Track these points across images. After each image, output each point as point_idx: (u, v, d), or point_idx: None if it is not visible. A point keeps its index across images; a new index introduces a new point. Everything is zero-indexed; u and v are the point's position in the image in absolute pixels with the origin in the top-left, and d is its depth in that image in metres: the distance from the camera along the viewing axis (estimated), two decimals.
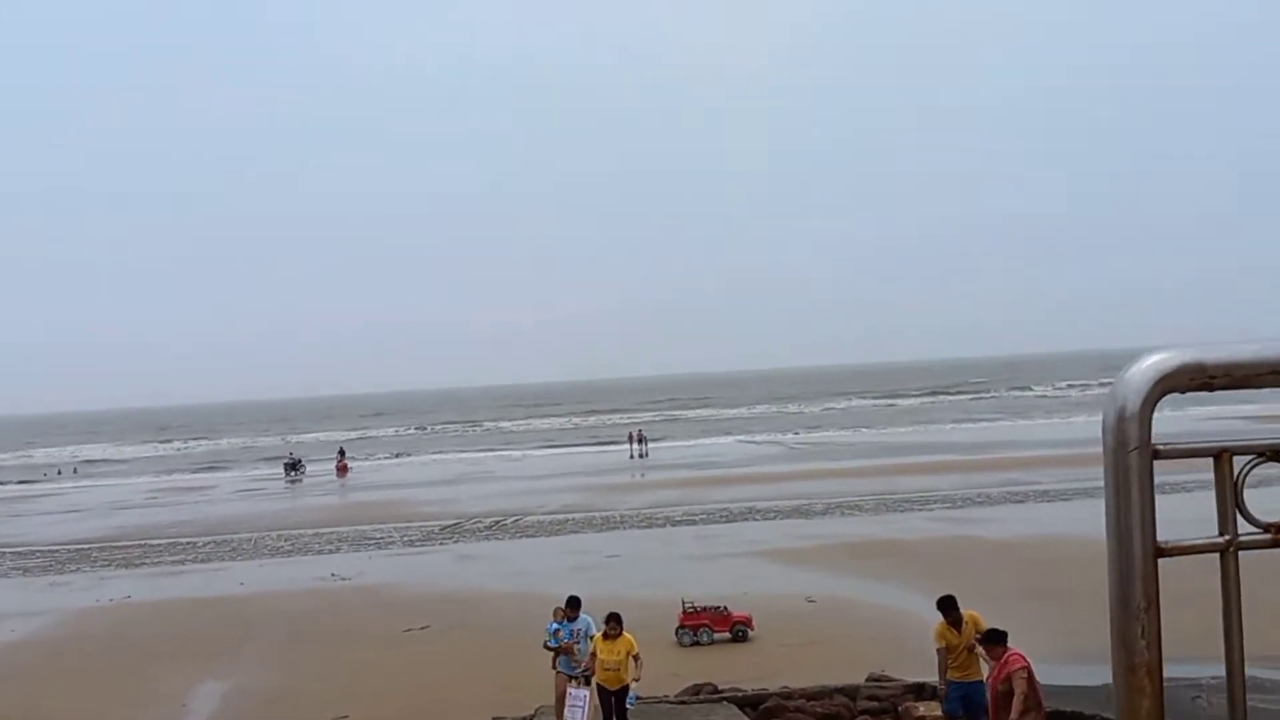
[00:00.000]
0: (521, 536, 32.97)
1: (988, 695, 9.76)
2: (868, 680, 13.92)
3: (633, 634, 12.85)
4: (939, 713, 11.54)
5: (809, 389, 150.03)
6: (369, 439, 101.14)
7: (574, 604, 14.18)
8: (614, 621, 12.71)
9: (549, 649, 13.90)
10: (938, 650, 10.68)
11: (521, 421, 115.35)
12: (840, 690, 12.94)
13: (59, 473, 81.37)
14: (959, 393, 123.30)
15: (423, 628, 20.51)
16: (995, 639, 9.68)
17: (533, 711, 12.86)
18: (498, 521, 36.26)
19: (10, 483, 74.70)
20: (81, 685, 17.64)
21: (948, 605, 10.88)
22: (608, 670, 12.55)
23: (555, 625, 13.99)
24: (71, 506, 52.49)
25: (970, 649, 10.44)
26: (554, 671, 13.85)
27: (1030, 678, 9.30)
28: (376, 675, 17.21)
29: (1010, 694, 9.28)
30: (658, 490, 43.36)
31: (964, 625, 10.51)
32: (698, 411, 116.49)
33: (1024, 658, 9.50)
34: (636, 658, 12.52)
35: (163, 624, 22.39)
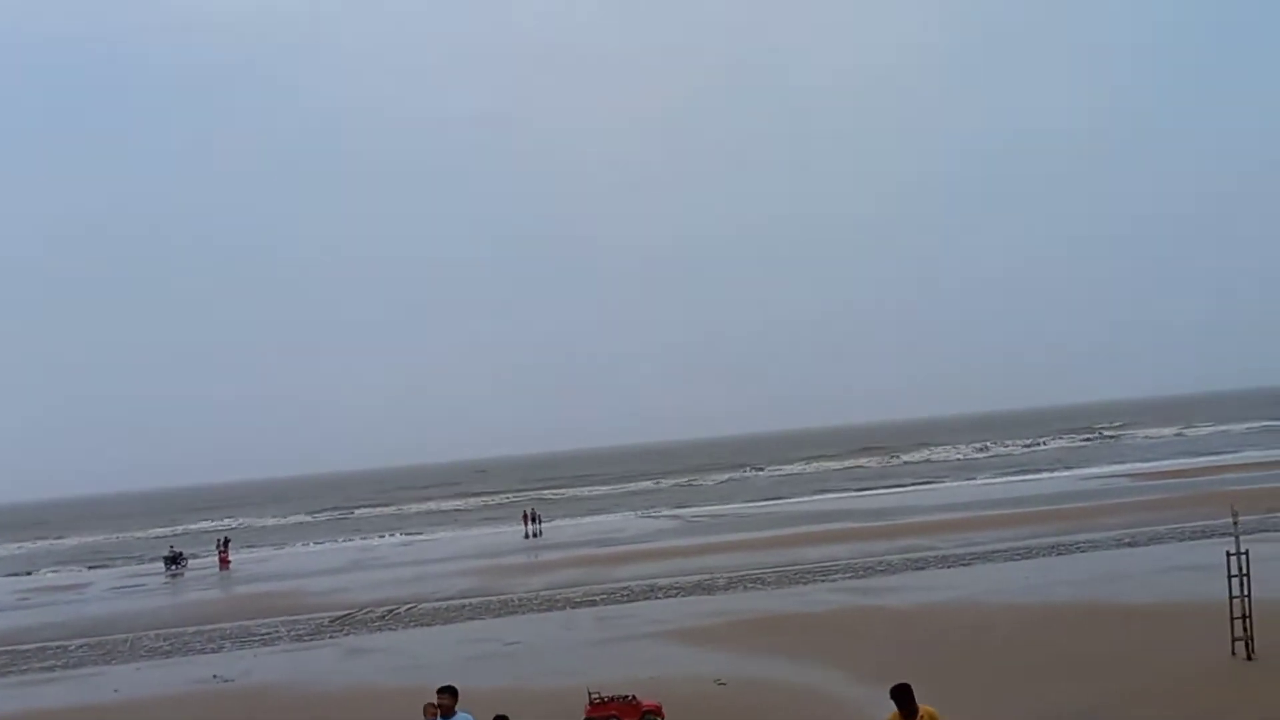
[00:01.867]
0: (415, 625, 31.63)
1: None
2: None
3: None
4: None
5: (701, 461, 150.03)
6: (249, 528, 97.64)
7: (450, 693, 12.58)
8: None
9: None
10: None
11: (406, 505, 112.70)
12: None
13: None
14: (856, 457, 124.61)
15: None
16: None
17: None
18: (391, 610, 34.82)
19: None
20: None
21: (902, 696, 10.06)
22: None
23: None
24: None
25: None
26: None
27: None
28: None
29: None
30: (556, 570, 42.30)
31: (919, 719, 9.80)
32: (587, 489, 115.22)
33: None
34: None
35: None
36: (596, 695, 17.72)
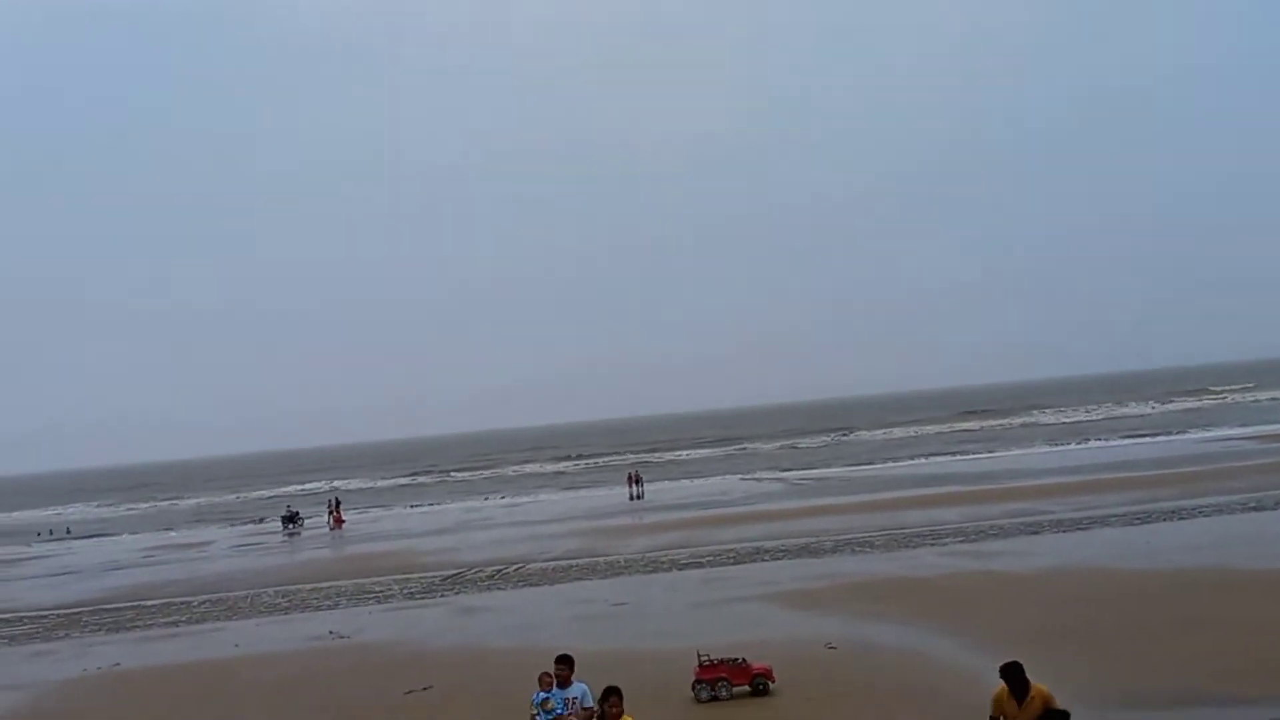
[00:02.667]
0: (524, 585, 31.97)
1: None
2: None
3: (647, 693, 11.66)
4: None
5: (797, 424, 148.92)
6: (357, 490, 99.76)
7: (567, 663, 11.87)
8: (615, 698, 10.13)
9: None
10: (990, 717, 9.61)
11: (513, 468, 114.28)
12: None
13: (50, 534, 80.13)
14: (961, 421, 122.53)
15: (425, 688, 19.50)
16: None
17: None
18: (499, 570, 35.26)
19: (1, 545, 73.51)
20: None
21: (1012, 674, 9.62)
22: None
23: (543, 695, 11.76)
24: (63, 569, 51.34)
25: None
26: None
27: None
28: None
29: None
30: (661, 533, 42.35)
31: (1029, 700, 9.39)
32: (686, 452, 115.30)
33: None
34: None
35: (150, 696, 21.31)
36: (706, 657, 17.64)
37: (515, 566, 35.87)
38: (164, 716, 19.41)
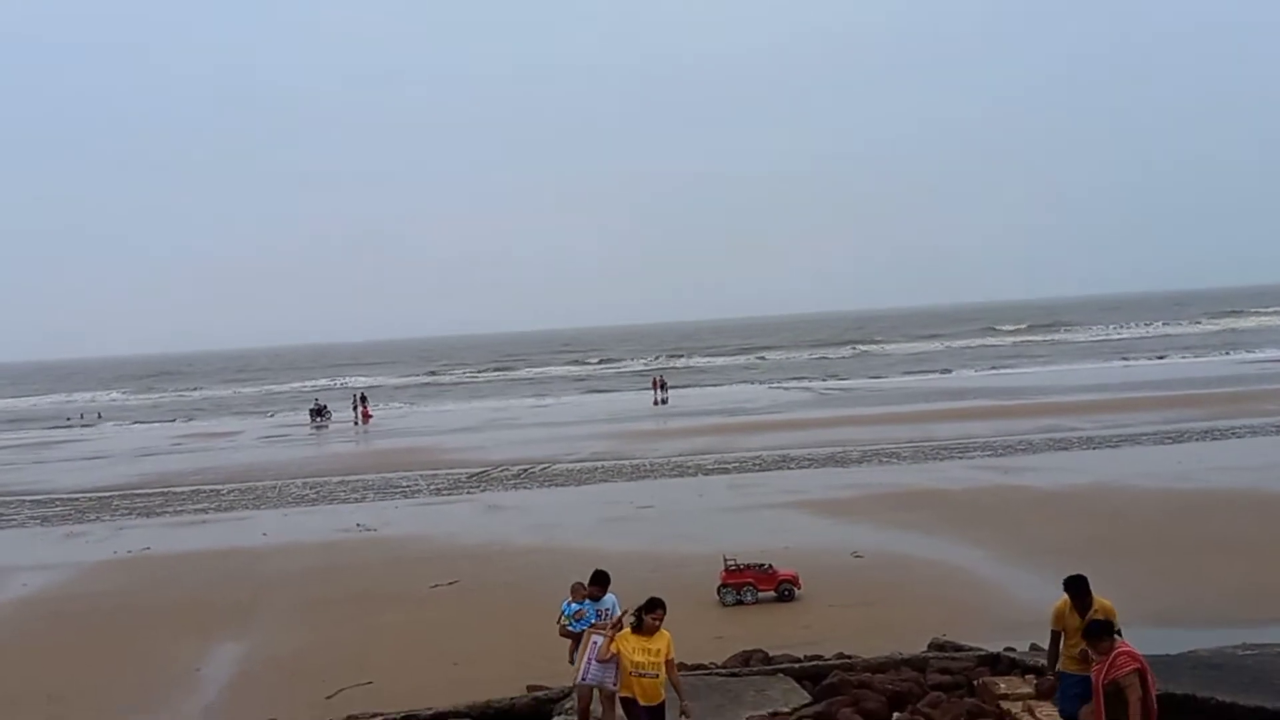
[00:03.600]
0: (550, 485, 32.11)
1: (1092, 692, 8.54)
2: (931, 647, 12.90)
3: (671, 596, 11.39)
4: (1023, 690, 10.51)
5: (829, 336, 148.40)
6: (383, 387, 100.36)
7: (601, 580, 11.28)
8: (659, 610, 9.56)
9: (569, 635, 11.09)
10: (1052, 632, 9.43)
11: (537, 369, 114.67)
12: (907, 662, 11.91)
13: (82, 418, 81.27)
14: (984, 336, 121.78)
15: (450, 583, 19.66)
16: (1098, 631, 8.48)
17: (571, 684, 11.81)
18: (525, 469, 35.42)
19: (33, 428, 74.65)
20: (90, 650, 16.81)
21: (1077, 588, 9.27)
22: (642, 677, 9.45)
23: (575, 605, 11.26)
24: (95, 453, 52.05)
25: None
26: (572, 665, 10.95)
27: (1144, 680, 8.15)
28: (403, 637, 16.34)
29: (1119, 696, 8.12)
30: (686, 438, 42.40)
31: (1092, 614, 9.18)
32: (711, 359, 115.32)
33: (1135, 656, 8.28)
34: (671, 663, 9.58)
35: (180, 579, 21.62)
36: (733, 562, 17.64)
37: (541, 466, 36.03)
38: (193, 600, 19.64)
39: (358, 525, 26.60)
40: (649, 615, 9.57)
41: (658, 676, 9.46)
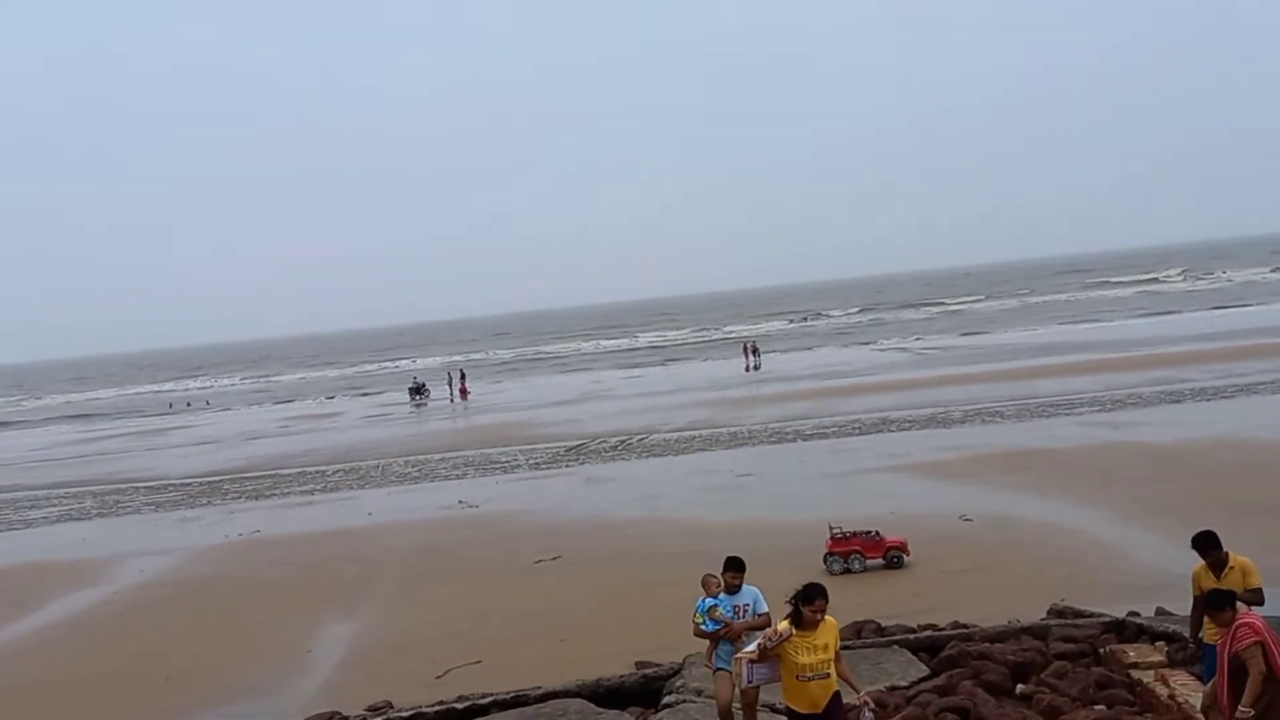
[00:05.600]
0: (648, 456, 32.01)
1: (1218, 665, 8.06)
2: (1050, 614, 12.45)
3: (776, 565, 10.95)
4: (1154, 658, 10.04)
5: (916, 295, 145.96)
6: (478, 363, 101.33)
7: (737, 568, 9.54)
8: (819, 599, 7.91)
9: (703, 635, 9.60)
10: (1195, 598, 8.93)
11: (627, 339, 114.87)
12: (1027, 630, 11.50)
13: (188, 405, 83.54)
14: (1082, 289, 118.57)
15: (554, 558, 19.64)
16: (1217, 602, 8.00)
17: (681, 661, 11.63)
18: (623, 441, 35.37)
19: (144, 416, 76.97)
20: (205, 631, 17.16)
21: (1206, 543, 8.71)
22: (810, 680, 7.88)
23: (710, 601, 9.54)
24: (202, 439, 53.41)
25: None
26: (710, 669, 9.72)
27: (1268, 651, 7.67)
28: (509, 614, 16.34)
29: (1242, 671, 7.66)
30: (782, 403, 41.97)
31: (1228, 571, 8.70)
32: (803, 322, 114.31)
33: (1258, 627, 7.79)
34: (840, 655, 8.13)
35: (290, 560, 21.97)
36: (838, 530, 17.31)
37: (639, 437, 35.95)
38: (302, 581, 19.94)
39: (460, 502, 26.79)
40: (808, 607, 7.91)
41: (828, 676, 7.96)
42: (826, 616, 8.00)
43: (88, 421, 77.73)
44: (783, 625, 8.03)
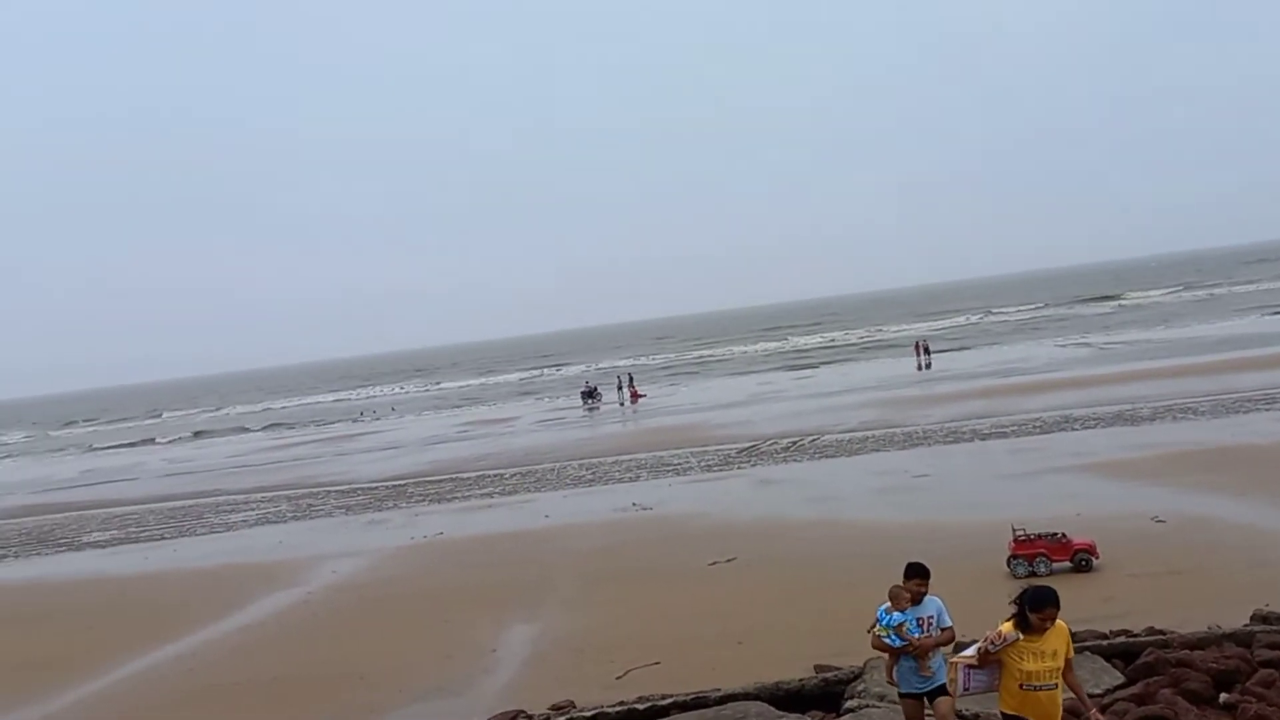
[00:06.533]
0: (821, 457, 31.73)
1: None
2: (1254, 619, 11.82)
3: (959, 568, 10.54)
4: None
5: (1094, 288, 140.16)
6: (642, 367, 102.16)
7: (921, 575, 8.97)
8: (1049, 607, 7.35)
9: (884, 649, 9.00)
10: None
11: (792, 340, 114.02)
12: (1230, 637, 10.95)
13: (375, 414, 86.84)
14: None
15: (729, 560, 19.67)
16: None
17: (862, 665, 11.50)
18: (794, 442, 35.15)
19: (333, 423, 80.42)
20: (394, 632, 17.78)
21: None
22: (1037, 690, 7.37)
23: (900, 617, 8.84)
24: (387, 444, 55.47)
25: None
26: (893, 685, 9.14)
27: None
28: (686, 615, 16.45)
29: None
30: (958, 402, 40.98)
31: None
32: (973, 318, 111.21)
33: None
34: (1070, 664, 7.60)
35: (472, 562, 22.61)
36: (1021, 532, 16.80)
37: (811, 438, 35.66)
38: (484, 583, 20.47)
39: (634, 504, 27.09)
40: (1035, 615, 7.32)
41: (1056, 687, 7.41)
42: (1059, 622, 7.48)
43: (279, 430, 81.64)
44: (1006, 627, 7.47)
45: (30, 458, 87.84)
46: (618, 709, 11.89)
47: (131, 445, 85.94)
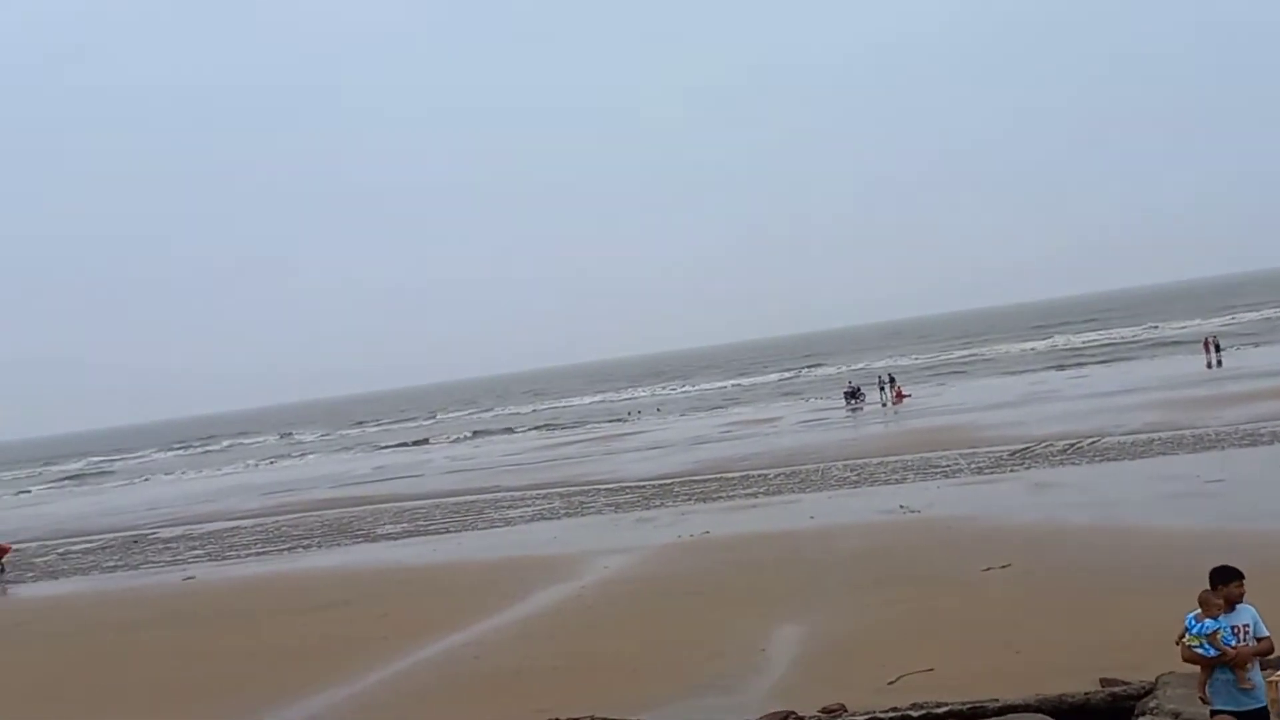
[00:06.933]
0: (1101, 460, 30.23)
1: None
2: None
3: (1264, 583, 9.69)
4: None
5: None
6: (902, 368, 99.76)
7: (1236, 576, 8.29)
8: None
9: (1195, 660, 8.33)
10: None
11: (1063, 337, 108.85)
12: None
13: (639, 413, 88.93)
14: None
15: (1003, 566, 19.04)
16: None
17: (1153, 680, 10.91)
18: (1071, 445, 33.62)
19: (600, 423, 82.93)
20: (664, 627, 18.18)
21: None
22: None
23: (1212, 624, 8.16)
24: (653, 444, 56.72)
25: None
26: (1204, 702, 8.43)
27: None
28: (959, 622, 16.07)
29: None
30: (1254, 403, 38.11)
31: None
32: (1267, 313, 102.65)
33: None
34: None
35: (738, 561, 22.82)
36: None
37: (1089, 440, 34.01)
38: (751, 582, 20.65)
39: (900, 507, 26.65)
40: None
41: None
42: None
43: (549, 431, 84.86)
44: None
45: (324, 455, 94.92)
46: (890, 714, 11.78)
47: (414, 445, 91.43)
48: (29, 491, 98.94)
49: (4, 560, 39.13)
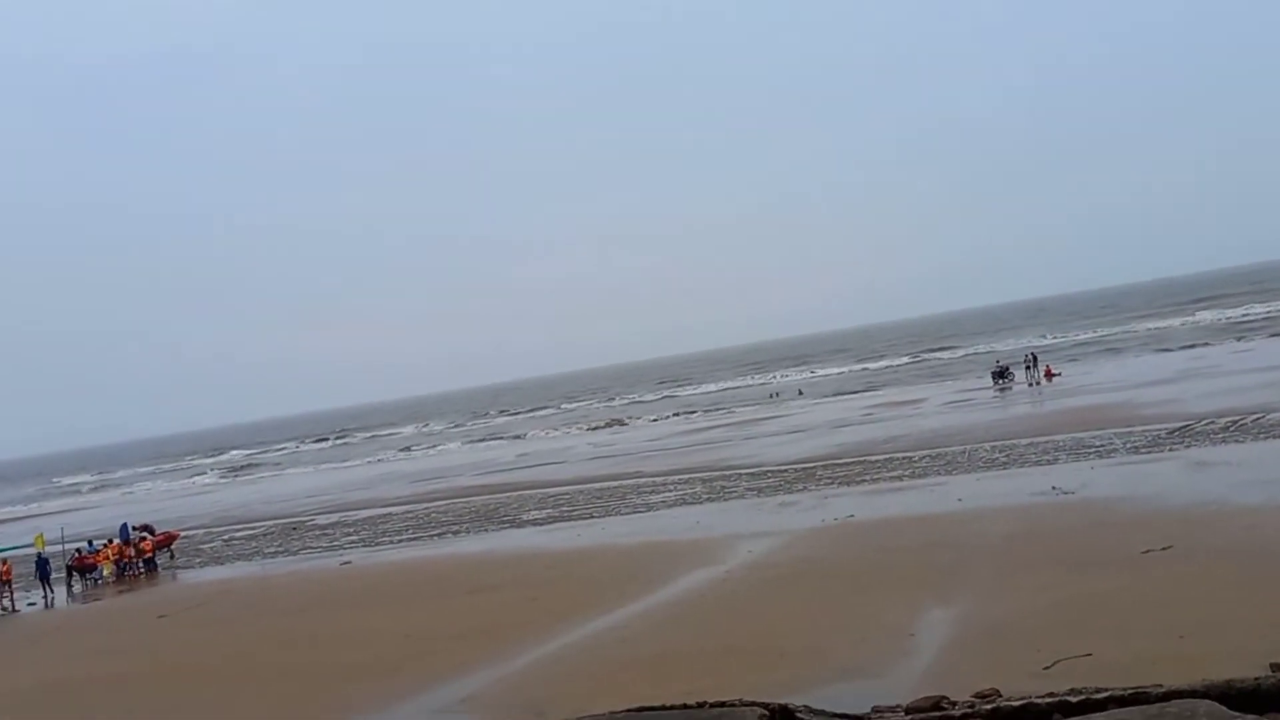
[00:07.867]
0: (1267, 438, 28.88)
1: None
2: None
3: None
4: None
5: None
6: (1048, 346, 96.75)
7: None
8: None
9: None
10: None
11: (1226, 311, 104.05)
12: None
13: (779, 395, 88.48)
14: None
15: (1164, 548, 18.33)
16: None
17: None
18: (1234, 422, 32.17)
19: (739, 407, 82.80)
20: (810, 611, 18.06)
21: None
22: None
23: None
24: (793, 427, 56.35)
25: None
26: None
27: None
28: (1118, 606, 15.54)
29: None
30: None
31: None
32: None
33: None
34: None
35: (883, 545, 22.53)
36: None
37: (1254, 417, 32.48)
38: (897, 565, 20.36)
39: (1053, 488, 25.89)
40: None
41: None
42: None
43: (688, 417, 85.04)
44: None
45: (464, 444, 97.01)
46: (1048, 700, 11.40)
47: (559, 429, 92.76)
48: (193, 480, 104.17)
49: (173, 546, 41.22)
